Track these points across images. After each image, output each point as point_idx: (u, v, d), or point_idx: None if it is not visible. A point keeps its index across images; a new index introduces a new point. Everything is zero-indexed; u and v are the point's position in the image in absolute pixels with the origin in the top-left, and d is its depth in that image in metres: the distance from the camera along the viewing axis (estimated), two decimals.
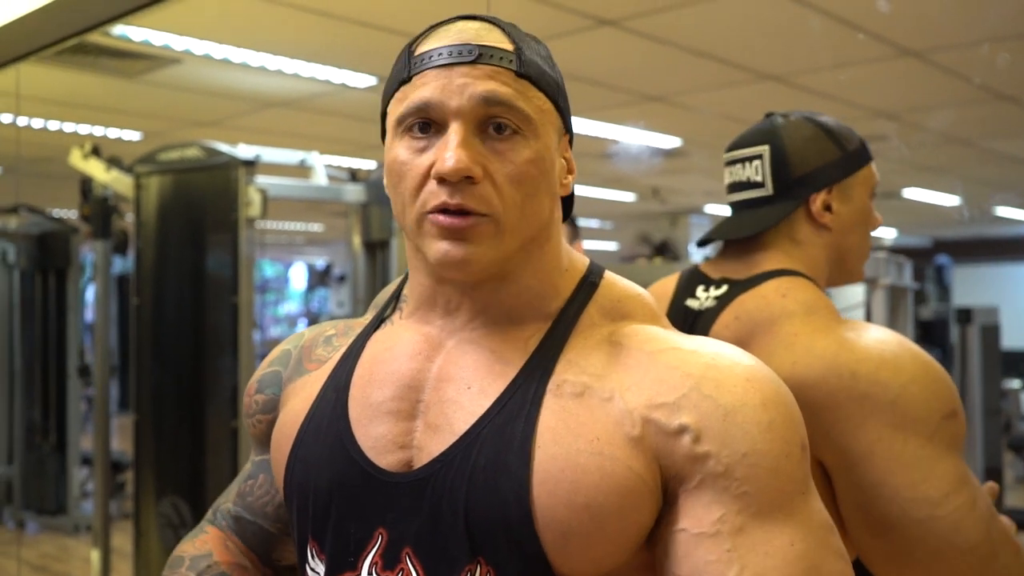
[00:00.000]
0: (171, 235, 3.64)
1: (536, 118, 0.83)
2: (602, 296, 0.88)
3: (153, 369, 3.67)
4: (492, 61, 0.82)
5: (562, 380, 0.81)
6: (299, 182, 3.93)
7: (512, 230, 0.82)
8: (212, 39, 3.67)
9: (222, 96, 4.65)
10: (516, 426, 0.78)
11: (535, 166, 0.82)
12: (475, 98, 0.80)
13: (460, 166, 0.78)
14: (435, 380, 0.85)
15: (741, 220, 1.26)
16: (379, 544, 0.81)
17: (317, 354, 0.98)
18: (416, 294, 0.90)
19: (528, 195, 0.82)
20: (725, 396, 0.76)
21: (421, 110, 0.81)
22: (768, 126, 1.27)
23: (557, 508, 0.75)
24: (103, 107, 4.96)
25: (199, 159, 3.52)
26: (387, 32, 3.52)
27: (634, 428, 0.77)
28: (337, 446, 0.86)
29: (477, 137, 0.81)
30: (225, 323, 3.47)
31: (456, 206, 0.79)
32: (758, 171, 1.25)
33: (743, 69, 4.10)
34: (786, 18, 3.44)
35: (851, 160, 1.25)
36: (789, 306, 1.15)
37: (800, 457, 0.77)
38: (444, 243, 0.80)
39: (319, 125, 5.35)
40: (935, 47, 3.82)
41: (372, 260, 4.06)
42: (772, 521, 0.74)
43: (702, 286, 1.27)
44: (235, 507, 1.03)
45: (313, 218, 10.66)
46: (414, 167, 0.82)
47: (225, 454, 3.45)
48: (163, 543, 3.61)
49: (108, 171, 3.80)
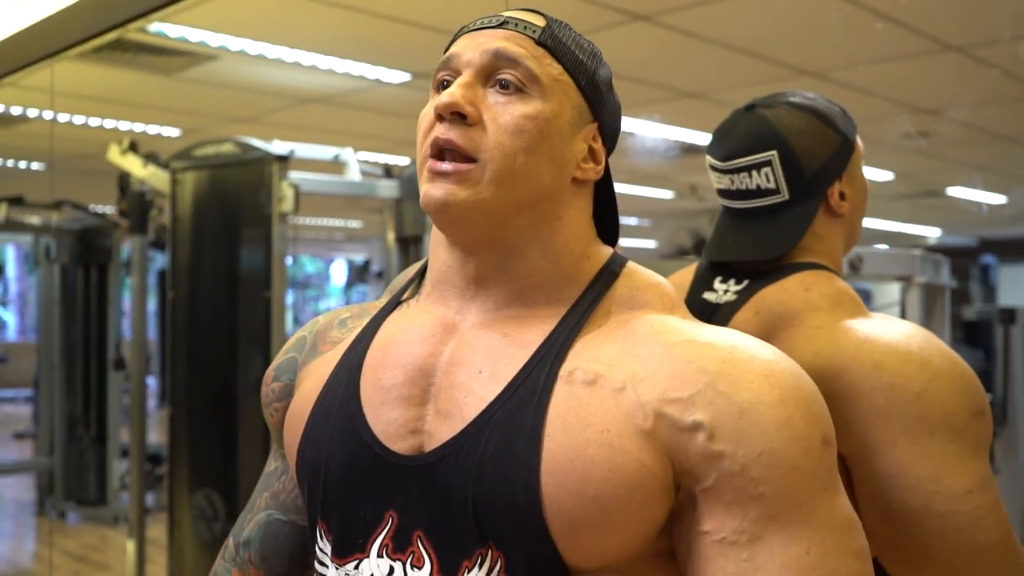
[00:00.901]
0: (206, 230, 3.68)
1: (546, 82, 0.85)
2: (621, 285, 0.87)
3: (188, 363, 3.70)
4: (515, 28, 0.87)
5: (574, 367, 0.80)
6: (332, 178, 3.94)
7: (500, 180, 0.82)
8: (247, 36, 3.70)
9: (258, 92, 4.68)
10: (526, 413, 0.78)
11: (533, 122, 0.83)
12: (487, 52, 0.84)
13: (454, 99, 0.81)
14: (447, 364, 0.85)
15: (762, 232, 1.21)
16: (389, 527, 0.82)
17: (331, 336, 0.98)
18: (434, 271, 0.91)
19: (523, 149, 0.82)
20: (741, 393, 0.75)
21: (444, 64, 0.87)
22: (762, 127, 1.20)
23: (565, 498, 0.74)
24: (142, 104, 5.03)
25: (233, 155, 3.55)
26: (421, 28, 3.52)
27: (646, 421, 0.76)
28: (348, 428, 0.86)
29: (483, 88, 0.84)
30: (258, 318, 3.49)
31: (446, 141, 0.82)
32: (769, 178, 1.19)
33: (781, 65, 4.04)
34: (825, 13, 3.39)
35: (847, 140, 1.21)
36: (813, 299, 1.12)
37: (821, 453, 0.75)
38: (429, 184, 0.83)
39: (354, 121, 5.38)
40: (979, 42, 3.74)
41: (405, 255, 4.07)
42: (790, 524, 0.73)
43: (719, 278, 1.24)
44: (266, 512, 1.02)
45: (351, 215, 10.74)
46: (428, 114, 0.86)
47: (257, 447, 3.47)
48: (196, 535, 3.65)
49: (145, 167, 3.85)
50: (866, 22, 3.44)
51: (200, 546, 3.64)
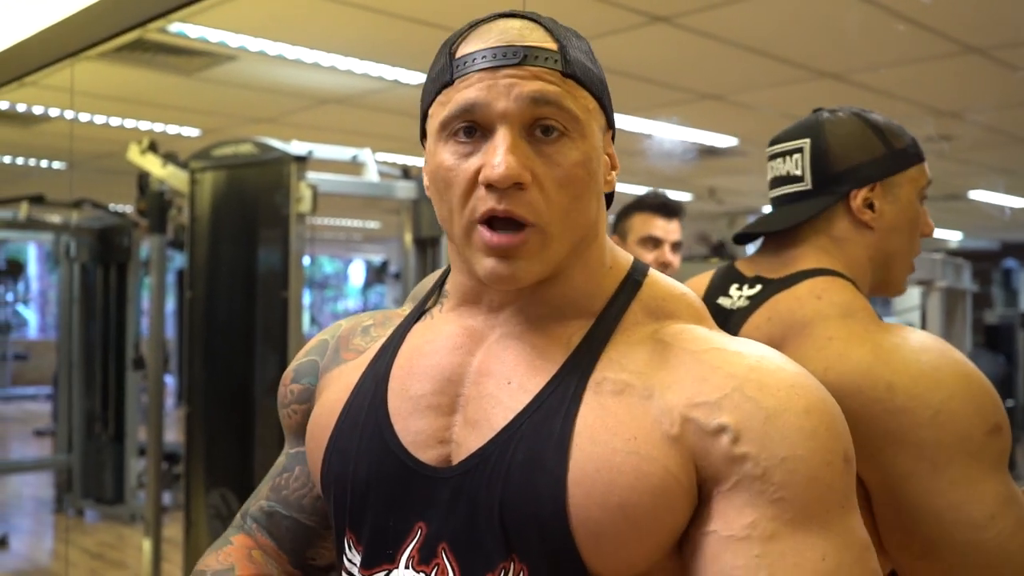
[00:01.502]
0: (224, 230, 3.69)
1: (583, 118, 0.81)
2: (646, 295, 0.86)
3: (205, 362, 3.72)
4: (538, 62, 0.79)
5: (602, 378, 0.79)
6: (350, 178, 3.95)
7: (558, 237, 0.80)
8: (267, 36, 3.71)
9: (277, 93, 4.70)
10: (554, 423, 0.77)
11: (583, 168, 0.80)
12: (523, 99, 0.78)
13: (511, 171, 0.76)
14: (475, 374, 0.84)
15: (778, 215, 1.22)
16: (418, 538, 0.81)
17: (355, 344, 0.98)
18: (459, 291, 0.90)
19: (575, 198, 0.81)
20: (768, 399, 0.74)
21: (467, 112, 0.79)
22: (812, 121, 1.23)
23: (591, 508, 0.74)
24: (162, 104, 5.05)
25: (252, 155, 3.56)
26: (440, 29, 3.51)
27: (672, 426, 0.75)
28: (376, 438, 0.86)
29: (524, 140, 0.79)
30: (275, 318, 3.50)
31: (504, 212, 0.77)
32: (798, 165, 1.21)
33: (801, 67, 4.01)
34: (845, 14, 3.36)
35: (898, 158, 1.20)
36: (824, 308, 1.11)
37: (842, 468, 0.74)
38: (491, 260, 0.79)
39: (372, 122, 5.39)
40: (1000, 44, 3.70)
41: (423, 257, 4.07)
42: (806, 531, 0.72)
43: (735, 284, 1.23)
44: (268, 503, 1.02)
45: (370, 215, 10.76)
46: (461, 172, 0.79)
47: (273, 447, 3.48)
48: (212, 534, 3.66)
49: (164, 167, 3.86)
50: (886, 24, 3.41)
51: None
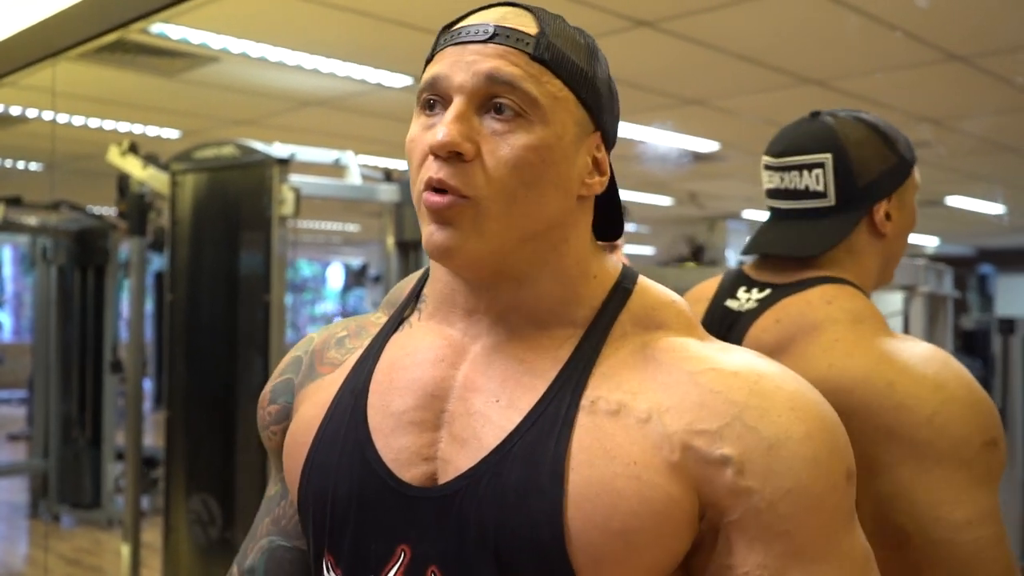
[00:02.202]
0: (205, 232, 3.66)
1: (546, 104, 0.78)
2: (635, 304, 0.83)
3: (186, 366, 3.68)
4: (505, 42, 0.78)
5: (596, 396, 0.77)
6: (333, 181, 3.93)
7: (499, 217, 0.77)
8: (249, 38, 3.69)
9: (259, 95, 4.67)
10: (548, 444, 0.75)
11: (535, 153, 0.77)
12: (479, 75, 0.77)
13: (448, 139, 0.75)
14: (461, 389, 0.81)
15: (800, 231, 1.20)
16: (401, 561, 0.78)
17: (330, 357, 0.94)
18: (436, 291, 0.87)
19: (524, 183, 0.77)
20: (769, 428, 0.73)
21: (430, 85, 0.79)
22: (823, 131, 1.20)
23: (591, 533, 0.71)
24: (142, 105, 5.01)
25: (234, 157, 3.53)
26: (424, 32, 3.50)
27: (673, 453, 0.73)
28: (356, 455, 0.82)
29: (479, 116, 0.77)
30: (257, 321, 3.47)
31: (437, 181, 0.76)
32: (819, 180, 1.18)
33: (783, 72, 4.04)
34: (828, 21, 3.38)
35: (904, 164, 1.20)
36: (834, 313, 1.11)
37: (845, 488, 0.74)
38: (430, 227, 0.78)
39: (354, 125, 5.37)
40: (982, 52, 3.73)
41: (405, 260, 4.05)
42: (812, 560, 0.72)
43: (743, 287, 1.23)
44: (268, 539, 0.98)
45: (349, 218, 10.72)
46: (419, 143, 0.80)
47: (255, 452, 3.45)
48: (192, 539, 3.63)
49: (145, 168, 3.83)
50: (870, 31, 3.43)
51: (196, 551, 3.62)
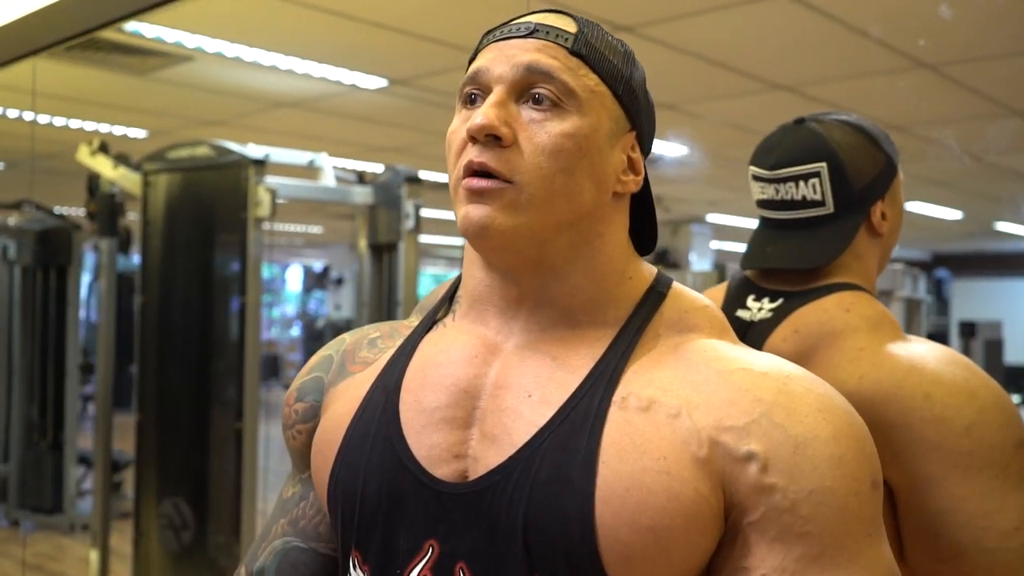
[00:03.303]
0: (179, 234, 3.62)
1: (582, 95, 0.80)
2: (669, 307, 0.85)
3: (158, 368, 3.64)
4: (547, 37, 0.82)
5: (628, 392, 0.77)
6: (308, 183, 3.91)
7: (539, 202, 0.79)
8: (224, 38, 3.65)
9: (231, 95, 4.63)
10: (580, 439, 0.75)
11: (572, 140, 0.79)
12: (518, 66, 0.80)
13: (487, 121, 0.78)
14: (493, 387, 0.81)
15: (803, 243, 1.21)
16: (429, 557, 0.78)
17: (361, 356, 0.94)
18: (470, 290, 0.87)
19: (562, 169, 0.79)
20: (796, 426, 0.73)
21: (472, 79, 0.83)
22: (814, 139, 1.21)
23: (621, 528, 0.72)
24: (110, 104, 4.94)
25: (209, 158, 3.50)
26: (399, 34, 3.50)
27: (701, 449, 0.74)
28: (388, 452, 0.82)
29: (517, 105, 0.81)
30: (232, 323, 3.45)
31: (479, 164, 0.78)
32: (816, 189, 1.19)
33: (754, 78, 4.09)
34: (800, 28, 3.43)
35: (892, 162, 1.22)
36: (853, 321, 1.12)
37: (870, 495, 0.74)
38: (467, 206, 0.79)
39: (327, 126, 5.34)
40: (950, 60, 3.81)
41: (379, 263, 4.04)
42: (833, 567, 0.71)
43: (752, 296, 1.23)
44: (283, 540, 0.97)
45: (314, 220, 10.65)
46: (459, 134, 0.82)
47: (229, 455, 3.42)
48: (163, 544, 3.58)
49: (116, 168, 3.78)
50: (840, 38, 3.49)
51: (167, 556, 3.58)
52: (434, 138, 5.60)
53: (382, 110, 4.82)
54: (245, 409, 3.38)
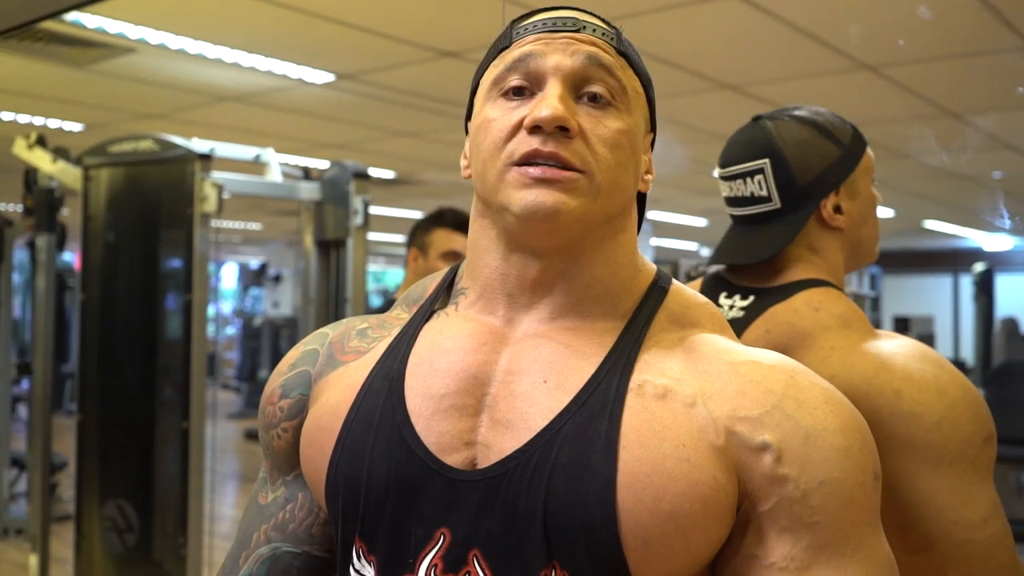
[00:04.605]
0: (121, 230, 3.54)
1: (631, 95, 0.83)
2: (672, 302, 0.86)
3: (100, 368, 3.55)
4: (595, 34, 0.82)
5: (643, 380, 0.78)
6: (255, 178, 3.84)
7: (607, 192, 0.80)
8: (168, 29, 3.58)
9: (173, 88, 4.53)
10: (599, 424, 0.75)
11: (626, 137, 0.81)
12: (579, 55, 0.80)
13: (558, 112, 0.77)
14: (504, 373, 0.81)
15: (754, 238, 1.23)
16: (440, 545, 0.77)
17: (352, 346, 0.93)
18: (481, 279, 0.87)
19: (621, 164, 0.81)
20: (807, 418, 0.75)
21: (520, 63, 0.81)
22: (760, 135, 1.23)
23: (642, 513, 0.72)
24: (46, 96, 4.80)
25: (153, 152, 3.42)
26: (348, 27, 3.46)
27: (718, 438, 0.75)
28: (395, 439, 0.81)
29: (573, 99, 0.80)
30: (177, 322, 3.38)
31: (549, 154, 0.77)
32: (761, 185, 1.22)
33: (702, 77, 4.14)
34: (745, 27, 3.48)
35: (850, 154, 1.23)
36: (823, 320, 1.14)
37: (873, 487, 0.76)
38: (533, 190, 0.78)
39: (272, 121, 5.26)
40: (889, 62, 3.90)
41: (326, 259, 4.00)
42: (839, 556, 0.73)
43: (724, 293, 1.25)
44: (271, 547, 0.93)
45: (254, 216, 10.48)
46: (502, 121, 0.81)
47: (174, 455, 3.36)
48: (106, 547, 3.50)
49: (54, 162, 3.67)
50: (786, 38, 3.55)
51: (111, 559, 3.50)
52: (381, 134, 5.57)
53: (328, 105, 4.76)
54: (191, 408, 3.32)
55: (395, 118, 5.05)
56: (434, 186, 7.82)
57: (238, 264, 17.30)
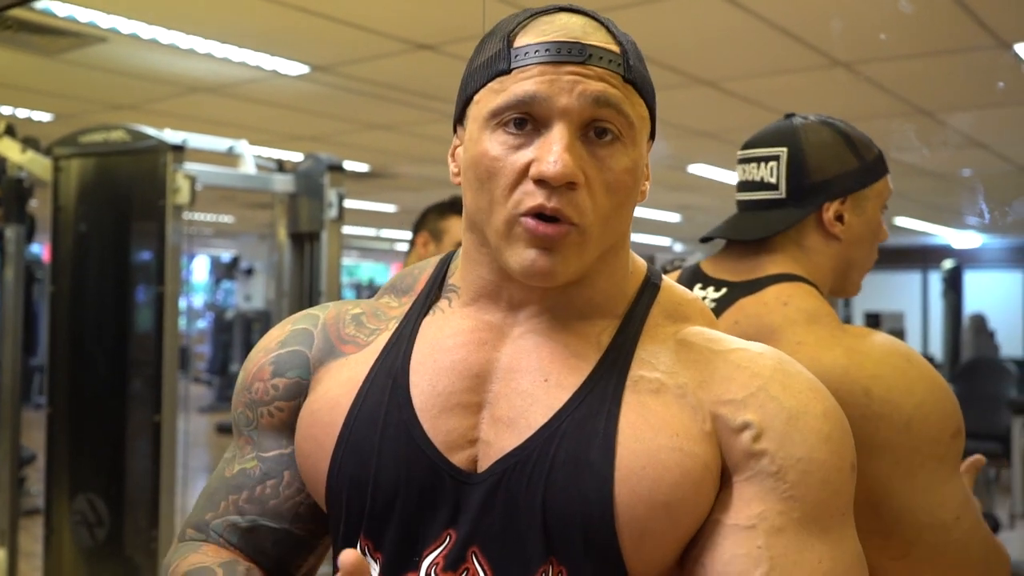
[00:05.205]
0: (92, 221, 3.50)
1: (638, 126, 0.82)
2: (664, 299, 0.89)
3: (70, 361, 3.51)
4: (602, 63, 0.79)
5: (638, 376, 0.80)
6: (228, 170, 3.81)
7: (596, 241, 0.81)
8: (140, 19, 3.54)
9: (144, 79, 4.48)
10: (598, 422, 0.77)
11: (630, 176, 0.81)
12: (586, 97, 0.78)
13: (567, 170, 0.76)
14: (505, 371, 0.83)
15: (749, 221, 1.25)
16: (445, 545, 0.78)
17: (348, 334, 0.92)
18: (474, 287, 0.87)
19: (618, 205, 0.81)
20: (790, 400, 0.77)
21: (524, 104, 0.78)
22: (788, 127, 1.25)
23: (638, 506, 0.74)
24: (15, 85, 4.74)
25: (124, 142, 3.39)
26: (323, 18, 3.44)
27: (706, 423, 0.77)
28: (403, 438, 0.81)
29: (579, 140, 0.78)
30: (149, 314, 3.35)
31: (552, 210, 0.77)
32: (773, 172, 1.23)
33: (675, 72, 4.15)
34: (721, 24, 3.49)
35: (868, 171, 1.23)
36: (791, 314, 1.15)
37: (849, 475, 0.78)
38: (532, 252, 0.78)
39: (244, 113, 5.21)
40: (864, 59, 3.93)
41: (300, 252, 3.98)
42: (809, 532, 0.74)
43: (700, 284, 1.26)
44: (246, 518, 0.92)
45: (225, 209, 10.40)
46: (508, 164, 0.79)
47: (145, 448, 3.33)
48: (76, 541, 3.47)
49: (24, 152, 3.63)
50: (759, 33, 3.56)
51: (80, 553, 3.46)
52: (355, 126, 5.54)
53: (302, 97, 4.73)
54: (163, 402, 3.29)
55: (370, 111, 5.03)
56: (408, 179, 7.80)
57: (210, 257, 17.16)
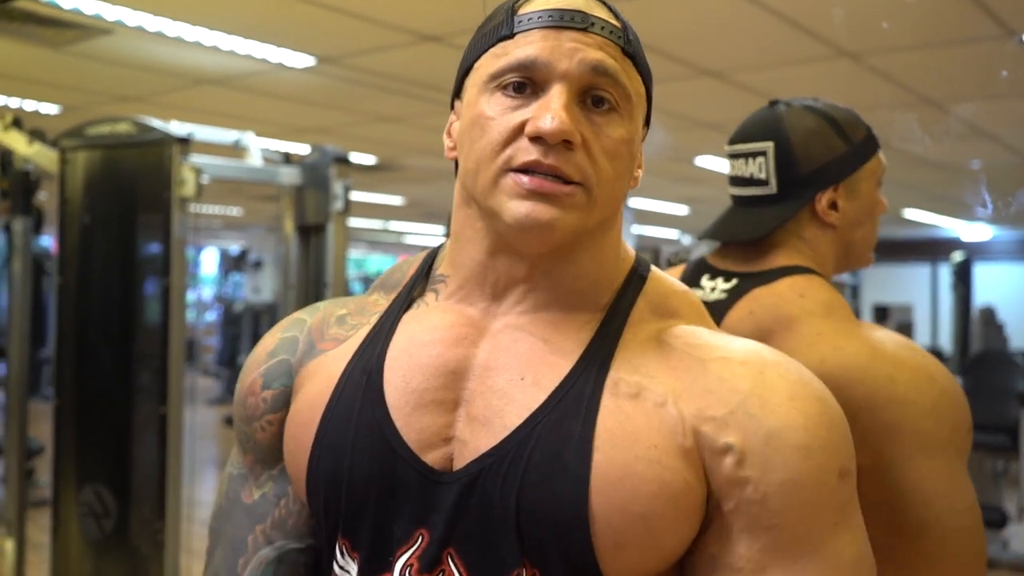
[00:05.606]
0: (98, 213, 3.50)
1: (634, 99, 0.81)
2: (651, 290, 0.86)
3: (77, 352, 3.52)
4: (603, 33, 0.79)
5: (618, 378, 0.78)
6: (235, 163, 3.81)
7: (602, 204, 0.79)
8: (146, 10, 3.53)
9: (151, 71, 4.48)
10: (574, 424, 0.75)
11: (626, 146, 0.80)
12: (585, 64, 0.77)
13: (564, 126, 0.75)
14: (481, 368, 0.81)
15: (744, 219, 1.23)
16: (418, 545, 0.77)
17: (332, 333, 0.91)
18: (463, 270, 0.85)
19: (619, 175, 0.80)
20: (769, 417, 0.74)
21: (525, 67, 0.78)
22: (771, 118, 1.23)
23: (613, 515, 0.72)
24: (22, 77, 4.74)
25: (131, 135, 3.39)
26: (329, 10, 3.43)
27: (686, 439, 0.75)
28: (376, 436, 0.80)
29: (576, 105, 0.78)
30: (155, 307, 3.36)
31: (549, 167, 0.75)
32: (762, 168, 1.21)
33: (683, 63, 4.13)
34: (727, 14, 3.48)
35: (857, 153, 1.22)
36: (808, 306, 1.14)
37: (836, 485, 0.75)
38: (528, 203, 0.76)
39: (250, 105, 5.21)
40: (870, 49, 3.91)
41: (306, 245, 3.98)
42: (796, 559, 0.73)
43: (707, 275, 1.25)
44: (275, 548, 0.90)
45: (234, 201, 10.41)
46: (502, 122, 0.78)
47: (152, 440, 3.34)
48: (83, 532, 3.48)
49: (31, 144, 3.63)
50: (766, 24, 3.55)
51: (88, 544, 3.48)
52: (362, 118, 5.53)
53: (309, 89, 4.73)
54: (170, 393, 3.30)
55: (376, 103, 5.02)
56: (416, 172, 7.79)
57: (218, 249, 17.20)
